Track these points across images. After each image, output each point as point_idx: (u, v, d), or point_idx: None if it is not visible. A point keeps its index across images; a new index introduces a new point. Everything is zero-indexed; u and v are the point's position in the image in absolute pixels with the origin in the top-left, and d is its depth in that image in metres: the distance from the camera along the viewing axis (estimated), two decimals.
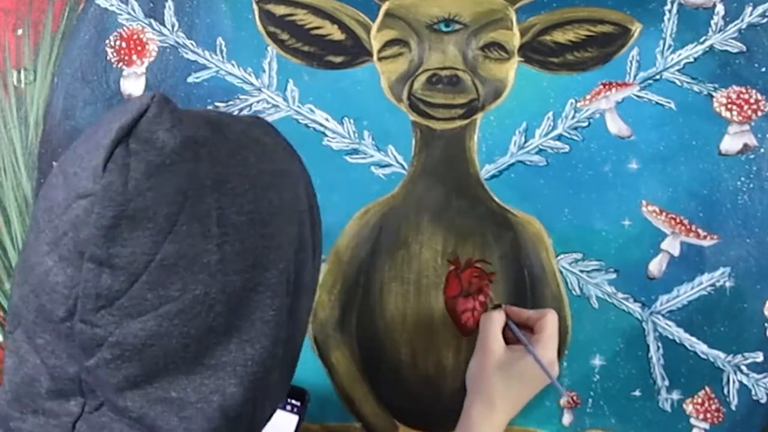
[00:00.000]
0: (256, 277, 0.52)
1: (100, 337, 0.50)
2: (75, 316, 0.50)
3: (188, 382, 0.51)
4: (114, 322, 0.49)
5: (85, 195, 0.49)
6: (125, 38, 0.89)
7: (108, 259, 0.49)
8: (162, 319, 0.49)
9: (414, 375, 0.89)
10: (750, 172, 0.84)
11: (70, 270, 0.49)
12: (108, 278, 0.49)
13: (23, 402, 0.53)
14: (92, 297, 0.49)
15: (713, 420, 0.86)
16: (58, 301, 0.50)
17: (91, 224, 0.48)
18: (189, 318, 0.50)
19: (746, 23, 0.83)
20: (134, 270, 0.49)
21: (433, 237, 0.88)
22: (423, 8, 0.85)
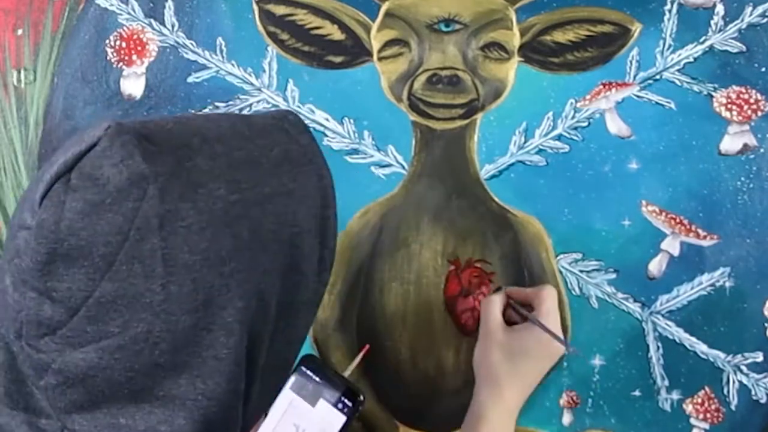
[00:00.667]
0: (209, 317, 0.50)
1: (44, 362, 0.49)
2: (22, 338, 0.50)
3: (137, 409, 0.50)
4: (56, 350, 0.49)
5: (24, 227, 0.49)
6: (125, 38, 0.89)
7: (46, 291, 0.48)
8: (103, 352, 0.49)
9: (414, 375, 0.89)
10: (750, 172, 0.84)
11: (17, 295, 0.49)
12: (49, 309, 0.48)
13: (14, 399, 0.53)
14: (34, 324, 0.49)
15: (713, 420, 0.86)
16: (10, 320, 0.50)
17: (29, 257, 0.48)
18: (131, 354, 0.49)
19: (746, 23, 0.83)
20: (72, 304, 0.48)
21: (433, 237, 0.88)
22: (423, 8, 0.85)
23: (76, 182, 0.48)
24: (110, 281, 0.48)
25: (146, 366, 0.49)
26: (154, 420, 0.50)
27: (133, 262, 0.48)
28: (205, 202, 0.50)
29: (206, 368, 0.51)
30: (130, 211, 0.48)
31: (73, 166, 0.48)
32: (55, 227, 0.47)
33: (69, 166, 0.48)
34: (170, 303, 0.49)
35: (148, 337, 0.49)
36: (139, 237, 0.48)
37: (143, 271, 0.48)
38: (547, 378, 0.83)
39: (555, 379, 0.87)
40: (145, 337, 0.49)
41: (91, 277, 0.48)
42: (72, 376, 0.49)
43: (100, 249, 0.47)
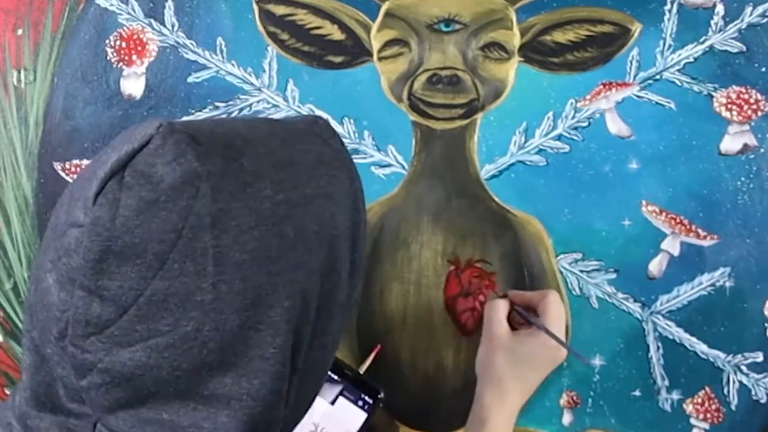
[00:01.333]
0: (256, 316, 0.50)
1: (89, 362, 0.49)
2: (67, 338, 0.50)
3: (181, 406, 0.50)
4: (103, 349, 0.49)
5: (76, 225, 0.49)
6: (125, 38, 0.89)
7: (97, 290, 0.48)
8: (151, 351, 0.49)
9: (414, 375, 0.89)
10: (750, 172, 0.84)
11: (63, 294, 0.49)
12: (97, 307, 0.48)
13: (41, 401, 0.53)
14: (82, 323, 0.49)
15: (713, 420, 0.86)
16: (53, 321, 0.50)
17: (80, 255, 0.48)
18: (180, 352, 0.49)
19: (746, 23, 0.83)
20: (123, 303, 0.48)
21: (433, 237, 0.88)
22: (423, 8, 0.85)
23: (130, 180, 0.48)
24: (162, 279, 0.48)
25: (193, 365, 0.49)
26: (197, 417, 0.50)
27: (186, 261, 0.48)
28: (254, 201, 0.50)
29: (252, 367, 0.51)
30: (184, 209, 0.48)
31: (127, 164, 0.48)
32: (110, 224, 0.47)
33: (123, 164, 0.48)
34: (220, 302, 0.49)
35: (197, 336, 0.49)
36: (192, 235, 0.48)
37: (195, 269, 0.48)
38: (547, 378, 0.84)
39: (555, 379, 0.87)
40: (194, 336, 0.49)
41: (143, 275, 0.48)
42: (118, 376, 0.49)
43: (153, 247, 0.47)
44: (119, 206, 0.47)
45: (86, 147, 0.91)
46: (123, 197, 0.48)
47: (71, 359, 0.50)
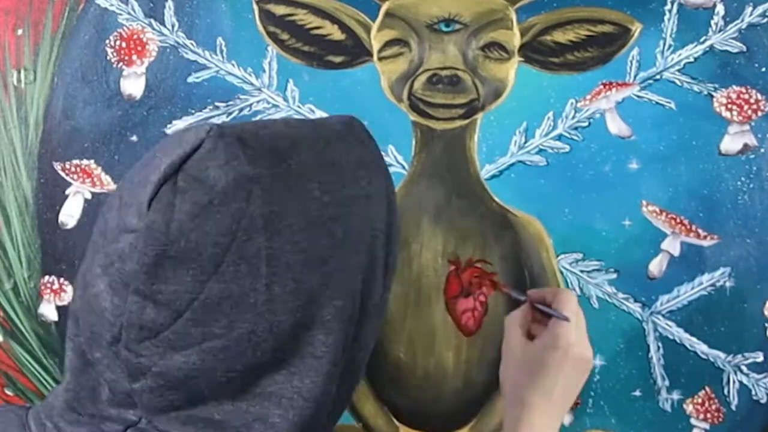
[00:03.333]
0: (309, 315, 0.51)
1: (144, 366, 0.50)
2: (120, 342, 0.50)
3: (233, 407, 0.50)
4: (158, 354, 0.49)
5: (130, 230, 0.49)
6: (125, 38, 0.89)
7: (151, 295, 0.48)
8: (206, 354, 0.49)
9: (414, 375, 0.89)
10: (750, 172, 0.84)
11: (117, 299, 0.49)
12: (152, 312, 0.48)
13: (83, 403, 0.53)
14: (136, 328, 0.49)
15: (713, 420, 0.86)
16: (105, 326, 0.50)
17: (135, 260, 0.48)
18: (234, 354, 0.49)
19: (746, 23, 0.83)
20: (177, 307, 0.48)
21: (433, 237, 0.88)
22: (423, 8, 0.85)
23: (184, 184, 0.48)
24: (217, 282, 0.48)
25: (247, 366, 0.50)
26: (249, 417, 0.50)
27: (240, 263, 0.48)
28: (303, 203, 0.51)
29: (304, 366, 0.51)
30: (237, 212, 0.48)
31: (179, 168, 0.48)
32: (165, 229, 0.48)
33: (175, 168, 0.48)
34: (273, 303, 0.49)
35: (251, 338, 0.49)
36: (246, 237, 0.48)
37: (249, 271, 0.48)
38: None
39: None
40: (248, 338, 0.49)
41: (198, 279, 0.48)
42: (172, 379, 0.49)
43: (208, 250, 0.48)
44: (174, 210, 0.48)
45: (86, 147, 0.91)
46: (177, 201, 0.48)
47: (125, 363, 0.50)
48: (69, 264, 0.92)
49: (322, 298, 0.51)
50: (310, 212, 0.51)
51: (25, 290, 0.94)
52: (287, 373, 0.51)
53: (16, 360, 0.95)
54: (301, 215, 0.50)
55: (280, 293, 0.49)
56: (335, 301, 0.52)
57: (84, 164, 0.91)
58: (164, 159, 0.49)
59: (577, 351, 0.71)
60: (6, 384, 0.96)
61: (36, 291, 0.94)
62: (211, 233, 0.48)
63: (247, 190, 0.49)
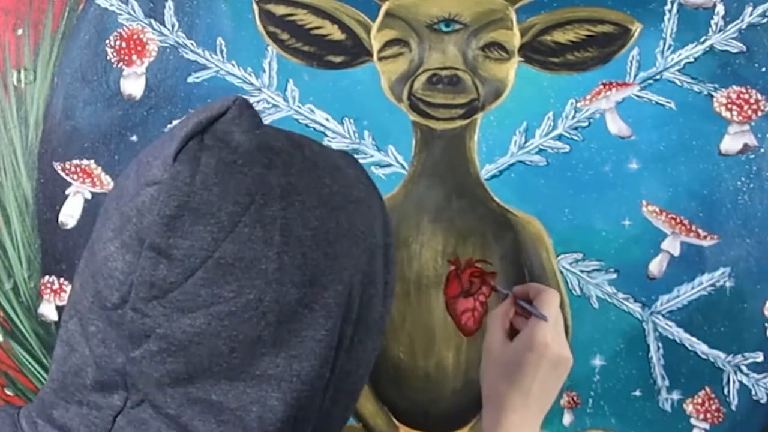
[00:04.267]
0: (313, 294, 0.51)
1: (148, 327, 0.50)
2: (127, 303, 0.50)
3: (230, 387, 0.50)
4: (164, 314, 0.49)
5: (153, 183, 0.50)
6: (125, 38, 0.89)
7: (167, 249, 0.49)
8: (212, 317, 0.49)
9: (414, 375, 0.89)
10: (750, 172, 0.84)
11: (129, 256, 0.50)
12: (164, 269, 0.49)
13: (69, 391, 0.53)
14: (146, 285, 0.49)
15: (713, 420, 0.86)
16: (113, 287, 0.50)
17: (155, 212, 0.49)
18: (239, 321, 0.49)
19: (746, 23, 0.83)
20: (191, 264, 0.49)
21: (433, 237, 0.88)
22: (423, 8, 0.85)
23: (210, 142, 0.50)
24: (232, 242, 0.49)
25: (250, 337, 0.50)
26: (246, 399, 0.50)
27: (255, 226, 0.49)
28: (316, 184, 0.53)
29: (303, 349, 0.51)
30: (258, 176, 0.50)
31: (206, 128, 0.50)
32: (190, 180, 0.49)
33: (203, 127, 0.50)
34: (282, 273, 0.50)
35: (258, 306, 0.49)
36: (264, 202, 0.50)
37: (263, 236, 0.49)
38: None
39: None
40: (255, 305, 0.49)
41: (215, 236, 0.49)
42: (176, 343, 0.49)
43: (228, 207, 0.49)
44: (200, 164, 0.49)
45: (86, 147, 0.91)
46: (203, 156, 0.49)
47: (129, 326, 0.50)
48: (69, 264, 0.92)
49: (324, 279, 0.52)
50: (322, 195, 0.53)
51: (25, 290, 0.94)
52: (287, 355, 0.51)
53: (16, 360, 0.95)
54: (315, 194, 0.52)
55: (289, 264, 0.50)
56: (337, 285, 0.52)
57: (84, 164, 0.91)
58: (191, 120, 0.50)
59: (554, 351, 0.71)
60: (6, 384, 0.96)
61: (36, 291, 0.94)
62: (233, 191, 0.49)
63: (268, 158, 0.51)
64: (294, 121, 0.88)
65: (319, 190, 0.52)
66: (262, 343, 0.50)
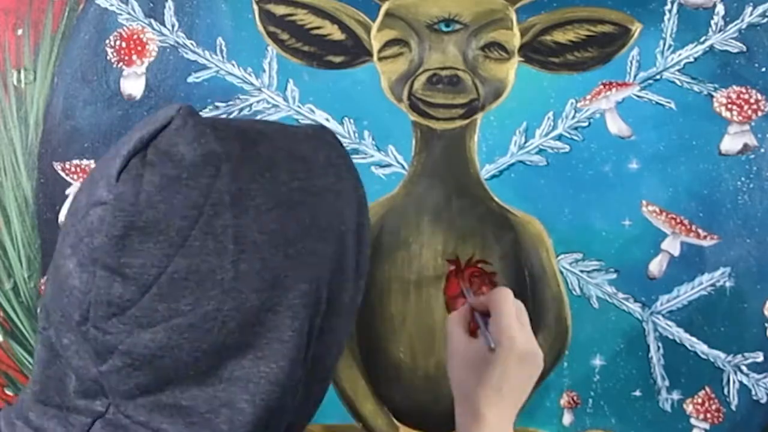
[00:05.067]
0: (275, 297, 0.51)
1: (111, 344, 0.50)
2: (89, 321, 0.50)
3: (200, 392, 0.50)
4: (125, 331, 0.49)
5: (99, 203, 0.49)
6: (125, 38, 0.89)
7: (119, 269, 0.48)
8: (172, 332, 0.49)
9: (414, 375, 0.89)
10: (750, 172, 0.84)
11: (85, 276, 0.50)
12: (119, 287, 0.49)
13: (50, 395, 0.53)
14: (104, 304, 0.49)
15: (713, 420, 0.86)
16: (74, 305, 0.50)
17: (103, 233, 0.48)
18: (200, 333, 0.49)
19: (746, 23, 0.83)
20: (144, 281, 0.49)
21: (433, 237, 0.88)
22: (423, 8, 0.85)
23: (153, 158, 0.49)
24: (184, 257, 0.48)
25: (214, 346, 0.50)
26: (216, 403, 0.50)
27: (207, 238, 0.49)
28: (271, 184, 0.52)
29: (270, 351, 0.51)
30: (205, 187, 0.49)
31: (149, 143, 0.49)
32: (134, 199, 0.48)
33: (145, 143, 0.49)
34: (240, 281, 0.49)
35: (217, 316, 0.49)
36: (213, 213, 0.49)
37: (216, 247, 0.49)
38: (546, 377, 0.84)
39: (555, 380, 0.87)
40: (214, 316, 0.49)
41: (165, 252, 0.48)
42: (139, 358, 0.49)
43: (176, 223, 0.48)
44: (143, 182, 0.49)
45: (86, 147, 0.91)
46: (146, 173, 0.49)
47: (93, 343, 0.50)
48: None
49: (287, 280, 0.51)
50: (278, 195, 0.52)
51: (25, 290, 0.94)
52: (254, 357, 0.51)
53: (16, 360, 0.95)
54: (269, 196, 0.51)
55: (246, 271, 0.50)
56: (301, 285, 0.52)
57: (84, 164, 0.91)
58: (135, 135, 0.50)
59: (520, 345, 0.69)
60: (6, 384, 0.96)
61: (36, 291, 0.94)
62: (179, 206, 0.49)
63: (215, 167, 0.50)
64: (294, 121, 0.88)
65: (275, 191, 0.52)
66: (226, 349, 0.50)
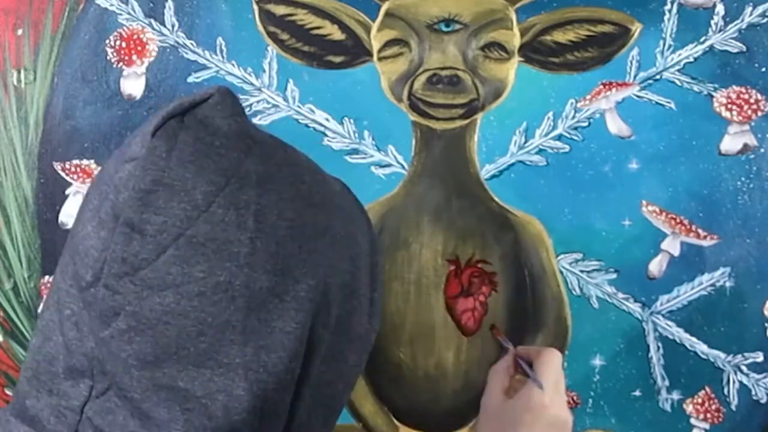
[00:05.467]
0: (284, 284, 0.51)
1: (118, 305, 0.50)
2: (100, 281, 0.50)
3: (197, 374, 0.50)
4: (134, 292, 0.49)
5: (132, 159, 0.50)
6: (125, 38, 0.89)
7: (140, 225, 0.49)
8: (181, 297, 0.49)
9: (414, 375, 0.89)
10: (750, 172, 0.84)
11: (104, 233, 0.50)
12: (137, 245, 0.49)
13: (41, 380, 0.54)
14: (119, 261, 0.49)
15: (713, 420, 0.86)
16: (88, 265, 0.51)
17: (131, 187, 0.49)
18: (208, 303, 0.49)
19: (746, 23, 0.83)
20: (163, 240, 0.49)
21: (433, 237, 0.88)
22: (423, 8, 0.85)
23: (190, 122, 0.50)
24: (204, 222, 0.49)
25: (218, 321, 0.50)
26: (213, 387, 0.50)
27: (230, 208, 0.50)
28: (295, 179, 0.53)
29: (273, 340, 0.51)
30: (235, 159, 0.50)
31: (187, 111, 0.51)
32: (166, 155, 0.49)
33: (184, 109, 0.51)
34: (254, 258, 0.50)
35: (227, 288, 0.50)
36: (239, 185, 0.50)
37: (236, 219, 0.50)
38: None
39: None
40: (225, 288, 0.49)
41: (188, 213, 0.49)
42: (144, 321, 0.50)
43: (203, 186, 0.49)
44: (177, 141, 0.50)
45: (86, 147, 0.91)
46: (182, 134, 0.50)
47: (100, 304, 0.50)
48: None
49: (297, 271, 0.52)
50: (300, 191, 0.53)
51: (25, 290, 0.94)
52: (255, 346, 0.51)
53: (16, 360, 0.95)
54: (292, 188, 0.52)
55: (262, 251, 0.50)
56: (310, 280, 0.52)
57: (84, 164, 0.91)
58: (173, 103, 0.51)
59: (552, 413, 0.70)
60: (6, 384, 0.96)
61: (36, 291, 0.94)
62: (208, 170, 0.49)
63: (247, 144, 0.51)
64: (294, 121, 0.88)
65: (298, 185, 0.53)
66: (231, 329, 0.50)
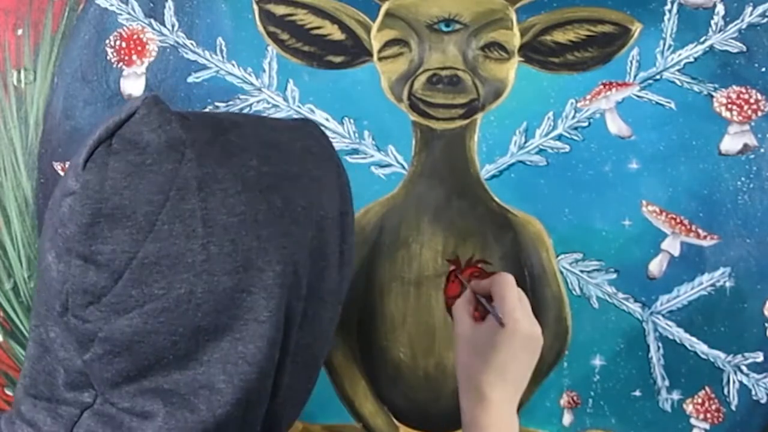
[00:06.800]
0: (249, 278, 0.52)
1: (90, 332, 0.51)
2: (68, 311, 0.51)
3: (181, 376, 0.51)
4: (102, 318, 0.50)
5: (69, 193, 0.51)
6: (125, 38, 0.89)
7: (91, 256, 0.50)
8: (147, 316, 0.50)
9: (414, 375, 0.89)
10: (750, 172, 0.84)
11: (62, 266, 0.51)
12: (93, 275, 0.50)
13: (39, 389, 0.54)
14: (80, 293, 0.50)
15: (713, 420, 0.86)
16: (55, 296, 0.51)
17: (74, 221, 0.50)
18: (175, 316, 0.50)
19: (746, 23, 0.83)
20: (117, 267, 0.49)
21: (433, 237, 0.88)
22: (423, 8, 0.85)
23: (118, 146, 0.50)
24: (153, 242, 0.49)
25: (189, 329, 0.50)
26: (195, 384, 0.51)
27: (175, 222, 0.50)
28: (239, 168, 0.53)
29: (247, 331, 0.52)
30: (170, 172, 0.50)
31: (114, 132, 0.51)
32: (99, 187, 0.49)
33: (110, 132, 0.51)
34: (211, 263, 0.50)
35: (190, 299, 0.50)
36: (179, 197, 0.50)
37: (184, 231, 0.50)
38: (546, 377, 0.84)
39: (555, 380, 0.87)
40: (187, 299, 0.50)
41: (134, 237, 0.49)
42: (118, 344, 0.50)
43: (142, 208, 0.49)
44: (108, 169, 0.50)
45: None
46: (111, 161, 0.50)
47: (74, 332, 0.51)
48: None
49: (260, 261, 0.52)
50: (247, 179, 0.53)
51: (25, 290, 0.94)
52: (232, 339, 0.51)
53: (16, 360, 0.95)
54: (237, 180, 0.52)
55: (217, 254, 0.50)
56: (275, 266, 0.53)
57: None
58: (101, 126, 0.51)
59: (524, 327, 0.72)
60: (6, 384, 0.96)
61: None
62: (144, 192, 0.50)
63: (179, 152, 0.51)
64: None
65: (243, 175, 0.53)
66: (203, 331, 0.51)
